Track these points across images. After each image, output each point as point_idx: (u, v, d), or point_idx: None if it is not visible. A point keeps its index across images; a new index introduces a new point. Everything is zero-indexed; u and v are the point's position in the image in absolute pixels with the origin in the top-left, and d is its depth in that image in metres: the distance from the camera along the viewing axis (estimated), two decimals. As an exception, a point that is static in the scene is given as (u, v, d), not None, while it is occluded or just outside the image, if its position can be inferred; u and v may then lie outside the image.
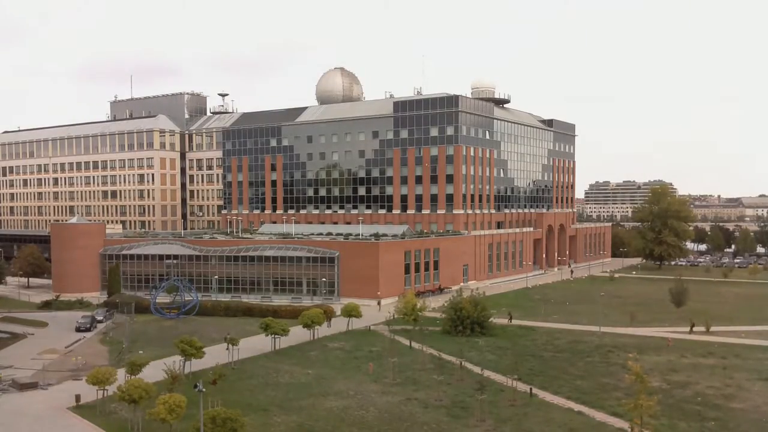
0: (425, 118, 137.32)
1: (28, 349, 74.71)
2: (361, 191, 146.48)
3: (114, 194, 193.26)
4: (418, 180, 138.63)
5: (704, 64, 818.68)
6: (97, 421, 49.35)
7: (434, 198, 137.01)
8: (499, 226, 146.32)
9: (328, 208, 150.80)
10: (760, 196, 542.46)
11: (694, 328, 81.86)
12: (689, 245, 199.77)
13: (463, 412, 51.05)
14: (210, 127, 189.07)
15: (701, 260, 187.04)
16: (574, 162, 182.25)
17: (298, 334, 77.41)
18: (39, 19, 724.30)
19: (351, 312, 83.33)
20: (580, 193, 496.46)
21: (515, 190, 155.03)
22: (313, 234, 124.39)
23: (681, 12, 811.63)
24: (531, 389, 56.10)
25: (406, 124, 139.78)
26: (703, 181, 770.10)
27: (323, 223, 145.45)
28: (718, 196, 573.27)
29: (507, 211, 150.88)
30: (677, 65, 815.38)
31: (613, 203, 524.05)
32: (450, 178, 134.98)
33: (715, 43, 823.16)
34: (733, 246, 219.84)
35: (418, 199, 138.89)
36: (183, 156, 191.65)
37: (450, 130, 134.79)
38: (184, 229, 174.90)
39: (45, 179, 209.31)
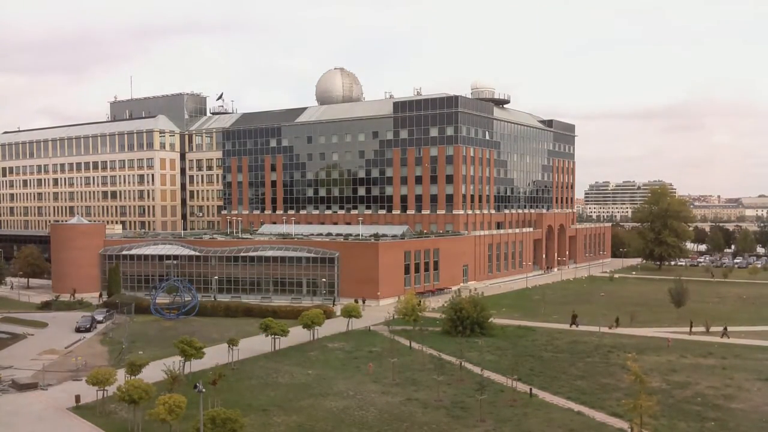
0: (425, 118, 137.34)
1: (28, 350, 74.69)
2: (361, 191, 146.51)
3: (114, 195, 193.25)
4: (418, 180, 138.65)
5: (704, 64, 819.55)
6: (96, 422, 49.35)
7: (434, 198, 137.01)
8: (498, 226, 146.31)
9: (328, 208, 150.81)
10: (760, 196, 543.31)
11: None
12: (689, 245, 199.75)
13: (463, 412, 51.06)
14: (210, 127, 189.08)
15: (701, 260, 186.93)
16: (573, 162, 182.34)
17: (297, 334, 77.39)
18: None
19: (351, 312, 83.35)
20: (579, 194, 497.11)
21: (515, 190, 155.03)
22: (312, 234, 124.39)
23: (683, 10, 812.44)
24: (531, 389, 56.11)
25: (405, 124, 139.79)
26: (703, 181, 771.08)
27: (323, 223, 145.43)
28: (718, 196, 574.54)
29: (507, 211, 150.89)
30: (677, 65, 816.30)
31: (612, 204, 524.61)
32: (450, 179, 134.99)
33: (715, 42, 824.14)
34: (732, 246, 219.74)
35: (418, 199, 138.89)
36: (183, 156, 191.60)
37: (450, 131, 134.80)
38: (184, 229, 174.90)
39: (45, 180, 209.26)
